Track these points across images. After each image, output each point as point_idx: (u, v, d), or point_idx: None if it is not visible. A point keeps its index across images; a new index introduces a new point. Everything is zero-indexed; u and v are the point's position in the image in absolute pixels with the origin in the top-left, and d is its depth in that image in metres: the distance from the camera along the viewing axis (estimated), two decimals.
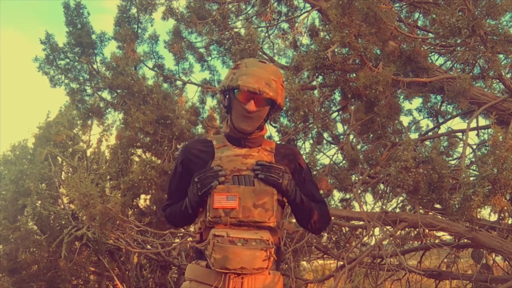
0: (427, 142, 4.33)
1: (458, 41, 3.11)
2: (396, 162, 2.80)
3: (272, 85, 1.53)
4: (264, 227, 1.47)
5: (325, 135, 4.92)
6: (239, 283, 1.43)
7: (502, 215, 3.82)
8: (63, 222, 5.86)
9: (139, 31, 5.29)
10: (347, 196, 4.74)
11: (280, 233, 1.57)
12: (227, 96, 1.60)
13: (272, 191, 1.49)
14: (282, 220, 1.56)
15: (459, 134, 4.39)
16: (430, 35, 4.13)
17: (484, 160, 2.79)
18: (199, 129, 5.47)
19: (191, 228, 4.49)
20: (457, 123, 17.26)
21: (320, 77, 3.59)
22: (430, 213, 3.61)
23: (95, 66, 5.36)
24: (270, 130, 4.51)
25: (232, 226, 1.45)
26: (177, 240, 5.40)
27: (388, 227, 3.57)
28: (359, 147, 4.54)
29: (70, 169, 6.49)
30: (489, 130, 4.01)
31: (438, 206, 3.48)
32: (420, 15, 4.76)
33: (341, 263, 3.92)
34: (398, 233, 4.18)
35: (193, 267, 1.53)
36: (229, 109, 1.60)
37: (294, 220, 4.24)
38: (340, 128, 5.17)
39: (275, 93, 1.54)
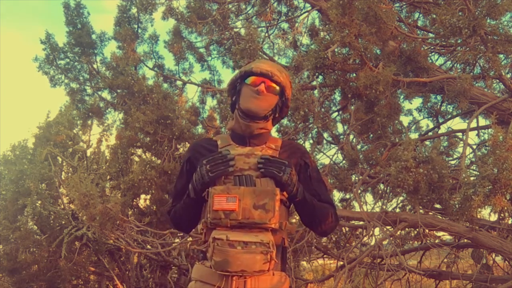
0: (427, 142, 4.33)
1: (459, 41, 3.11)
2: (396, 162, 2.80)
3: (282, 74, 1.60)
4: (266, 228, 1.44)
5: (325, 135, 4.92)
6: (242, 284, 1.42)
7: (502, 215, 3.82)
8: (63, 222, 5.85)
9: (139, 31, 5.29)
10: (347, 196, 4.75)
11: (284, 233, 1.53)
12: (237, 85, 1.63)
13: (273, 191, 1.44)
14: (285, 221, 1.52)
15: (459, 134, 4.40)
16: (430, 35, 4.13)
17: (484, 160, 2.78)
18: (199, 129, 5.48)
19: None
20: (457, 123, 17.29)
21: (320, 77, 3.59)
22: (430, 213, 3.61)
23: (95, 66, 5.37)
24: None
25: (233, 228, 1.43)
26: (177, 240, 5.40)
27: (388, 227, 3.57)
28: (359, 147, 4.54)
29: (70, 169, 6.48)
30: (489, 130, 4.01)
31: (438, 206, 3.47)
32: (420, 15, 4.76)
33: (341, 263, 3.92)
34: (398, 233, 4.18)
35: (198, 267, 1.54)
36: (236, 103, 1.63)
37: (293, 220, 4.26)
38: (340, 128, 5.17)
39: (285, 81, 1.60)
